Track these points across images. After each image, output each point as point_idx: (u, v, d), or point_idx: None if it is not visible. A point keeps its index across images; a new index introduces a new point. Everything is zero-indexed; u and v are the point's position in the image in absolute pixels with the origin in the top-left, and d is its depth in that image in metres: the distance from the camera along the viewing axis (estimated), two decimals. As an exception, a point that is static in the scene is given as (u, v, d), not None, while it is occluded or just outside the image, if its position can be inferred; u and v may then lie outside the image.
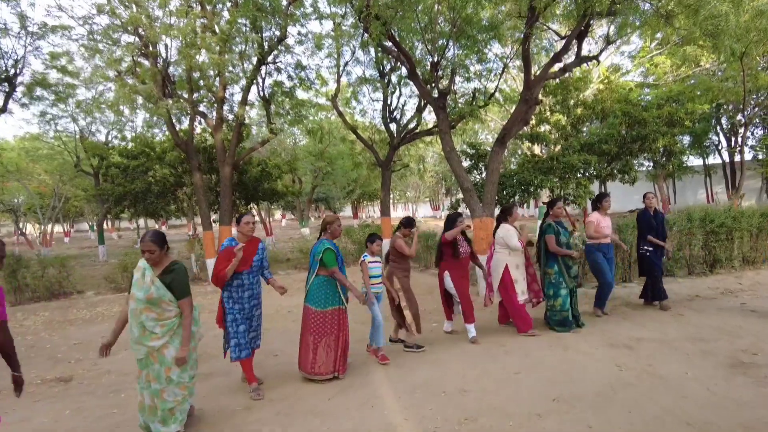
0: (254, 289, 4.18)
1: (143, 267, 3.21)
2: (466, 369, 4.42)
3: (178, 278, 3.21)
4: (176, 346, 3.22)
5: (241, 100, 10.39)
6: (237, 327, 4.02)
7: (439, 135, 7.73)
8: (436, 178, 35.32)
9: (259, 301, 4.27)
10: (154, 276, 3.16)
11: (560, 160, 10.20)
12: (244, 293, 4.08)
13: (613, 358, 4.45)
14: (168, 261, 3.26)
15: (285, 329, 6.32)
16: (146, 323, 3.15)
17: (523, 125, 7.55)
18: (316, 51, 11.32)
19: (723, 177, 22.59)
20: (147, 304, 3.14)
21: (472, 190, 7.23)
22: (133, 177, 14.63)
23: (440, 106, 7.42)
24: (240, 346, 4.01)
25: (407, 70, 7.55)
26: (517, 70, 16.50)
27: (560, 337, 5.19)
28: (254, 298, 4.19)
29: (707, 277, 8.00)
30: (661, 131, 10.47)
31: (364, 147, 14.64)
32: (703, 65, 14.25)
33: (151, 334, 3.16)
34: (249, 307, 4.12)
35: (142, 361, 3.20)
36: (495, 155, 7.30)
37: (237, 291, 4.06)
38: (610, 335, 5.16)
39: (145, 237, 3.18)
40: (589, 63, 9.05)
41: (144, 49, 9.74)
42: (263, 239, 13.01)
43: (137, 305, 3.15)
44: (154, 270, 3.19)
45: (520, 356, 4.70)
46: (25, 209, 26.19)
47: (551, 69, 7.75)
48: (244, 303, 4.08)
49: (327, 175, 22.66)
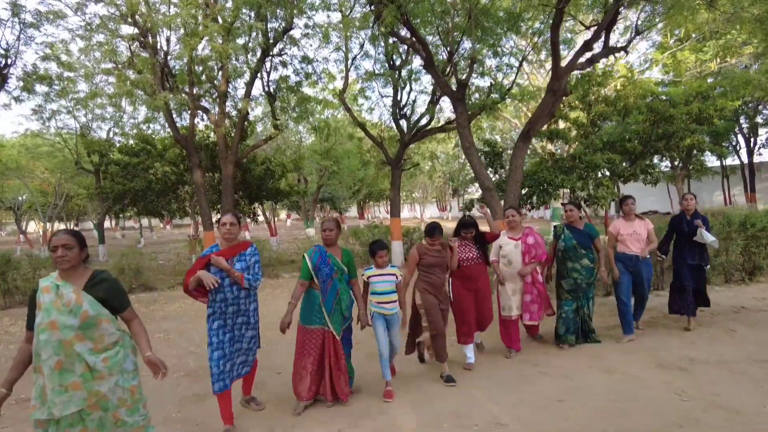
0: (240, 305, 3.42)
1: (52, 283, 2.33)
2: (499, 395, 3.83)
3: (114, 286, 2.45)
4: (123, 384, 2.41)
5: (245, 94, 9.86)
6: (212, 351, 3.30)
7: (457, 129, 7.15)
8: (443, 178, 34.70)
9: (250, 320, 3.51)
10: (77, 290, 2.33)
11: (583, 158, 9.57)
12: (227, 308, 3.36)
13: (668, 384, 3.85)
14: (88, 271, 2.45)
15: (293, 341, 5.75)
16: (87, 358, 2.29)
17: (549, 118, 6.97)
18: (324, 44, 10.79)
19: (741, 178, 21.93)
20: (80, 330, 2.29)
21: (494, 189, 6.66)
22: (134, 175, 14.13)
23: (459, 97, 6.85)
24: (213, 377, 3.27)
25: (423, 59, 6.98)
26: (531, 67, 15.89)
27: (600, 356, 4.59)
28: (241, 315, 3.45)
29: (747, 286, 7.35)
30: (690, 128, 9.82)
31: (373, 145, 14.10)
32: (729, 61, 13.58)
33: (95, 372, 2.31)
34: (231, 326, 3.39)
35: (74, 416, 2.27)
36: (519, 151, 6.71)
37: (220, 306, 3.34)
38: (657, 354, 4.56)
39: (59, 232, 2.42)
40: (616, 54, 8.45)
41: (142, 39, 9.23)
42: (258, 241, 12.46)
43: (64, 335, 2.25)
44: (73, 284, 2.35)
45: (558, 378, 4.11)
46: (25, 207, 25.82)
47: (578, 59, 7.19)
48: (227, 320, 3.36)
49: (333, 174, 22.08)
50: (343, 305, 3.72)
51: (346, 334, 3.83)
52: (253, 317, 3.56)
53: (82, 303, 2.31)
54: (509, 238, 4.76)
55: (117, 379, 2.38)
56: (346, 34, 10.61)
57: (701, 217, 5.30)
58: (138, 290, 9.86)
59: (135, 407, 2.46)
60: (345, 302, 3.73)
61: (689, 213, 5.30)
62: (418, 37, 6.61)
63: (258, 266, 3.47)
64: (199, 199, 10.12)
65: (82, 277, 2.40)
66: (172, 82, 9.91)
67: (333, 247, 3.79)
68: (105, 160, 15.63)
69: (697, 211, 5.35)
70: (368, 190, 28.74)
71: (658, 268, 7.37)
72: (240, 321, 3.45)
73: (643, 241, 5.02)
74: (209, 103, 11.10)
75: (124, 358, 2.43)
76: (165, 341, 5.99)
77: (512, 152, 7.06)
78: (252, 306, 3.53)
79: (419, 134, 11.35)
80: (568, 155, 10.13)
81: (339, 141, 19.60)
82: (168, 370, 2.53)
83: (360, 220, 32.64)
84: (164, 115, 9.67)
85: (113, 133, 17.35)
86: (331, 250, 3.76)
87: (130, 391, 2.44)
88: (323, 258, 3.69)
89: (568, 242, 4.83)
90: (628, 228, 5.09)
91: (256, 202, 14.48)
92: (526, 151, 7.18)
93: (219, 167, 11.95)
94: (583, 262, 4.78)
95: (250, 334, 3.54)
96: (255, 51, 10.01)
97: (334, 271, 3.69)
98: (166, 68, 9.68)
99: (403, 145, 11.39)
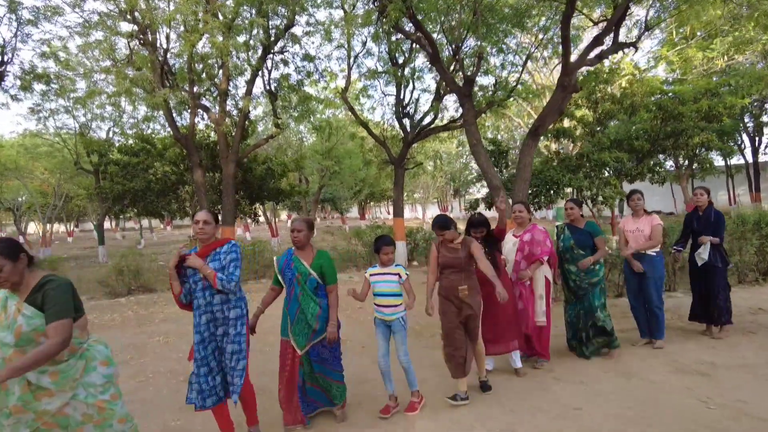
0: (215, 312, 2.99)
1: (3, 296, 2.14)
2: (512, 402, 3.65)
3: (53, 292, 2.09)
4: (87, 399, 2.18)
5: (246, 92, 9.69)
6: (198, 368, 2.97)
7: (463, 127, 6.98)
8: (445, 178, 34.52)
9: (229, 330, 3.01)
10: (20, 302, 2.10)
11: (591, 157, 9.40)
12: (200, 318, 2.98)
13: (691, 390, 3.67)
14: (35, 278, 2.16)
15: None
16: (29, 376, 2.06)
17: (558, 115, 6.78)
18: (326, 41, 10.62)
19: (746, 178, 21.72)
20: (17, 347, 2.06)
21: (502, 188, 6.47)
22: (133, 175, 13.97)
23: (466, 93, 6.67)
24: (203, 392, 2.96)
25: (429, 55, 6.81)
26: (535, 65, 15.72)
27: (616, 360, 4.41)
28: (219, 325, 3.02)
29: (762, 287, 7.17)
30: (699, 126, 9.64)
31: (375, 144, 13.93)
32: (736, 58, 13.41)
33: (39, 390, 2.08)
34: (210, 337, 3.00)
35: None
36: (527, 149, 6.53)
37: (195, 316, 3.00)
38: (676, 358, 4.38)
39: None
40: (625, 50, 8.27)
41: (142, 36, 9.07)
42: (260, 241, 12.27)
43: (4, 352, 2.06)
44: (20, 295, 2.13)
45: (574, 384, 3.93)
46: (25, 208, 25.66)
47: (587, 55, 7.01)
48: (202, 332, 2.97)
49: (334, 174, 21.93)
50: (308, 315, 3.27)
51: (319, 350, 3.33)
52: (234, 327, 3.02)
53: (18, 317, 2.06)
54: (513, 236, 4.43)
55: (77, 394, 2.15)
56: (349, 32, 10.46)
57: (716, 212, 4.95)
58: (137, 292, 9.70)
59: (106, 423, 2.22)
60: (310, 311, 3.27)
61: (701, 209, 5.01)
62: (424, 31, 6.43)
63: (234, 265, 2.97)
64: (199, 199, 9.95)
65: (28, 286, 2.14)
66: (172, 80, 9.75)
67: (304, 250, 3.39)
68: (104, 160, 15.47)
69: (712, 207, 4.99)
70: (369, 191, 28.59)
71: (670, 268, 7.19)
72: (220, 332, 3.03)
73: (647, 240, 4.68)
74: (209, 102, 10.95)
75: (86, 371, 2.18)
76: (165, 344, 5.82)
77: (520, 150, 6.89)
78: (232, 314, 3.03)
79: (423, 133, 11.18)
80: (576, 154, 9.95)
81: (340, 141, 19.44)
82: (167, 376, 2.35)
83: (361, 220, 32.46)
84: (164, 114, 9.51)
85: (113, 133, 17.20)
86: (300, 253, 3.37)
87: (97, 407, 2.20)
88: (288, 261, 3.37)
89: (566, 242, 4.53)
90: (632, 225, 4.82)
91: (257, 203, 14.31)
92: (535, 148, 7.00)
93: (219, 167, 11.79)
94: (581, 262, 4.45)
95: (231, 348, 3.01)
96: (256, 49, 9.85)
97: (295, 275, 3.31)
98: (166, 66, 9.52)
99: (406, 144, 11.22)
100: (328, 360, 3.38)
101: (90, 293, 9.91)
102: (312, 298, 3.29)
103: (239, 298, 3.09)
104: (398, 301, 3.49)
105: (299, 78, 11.02)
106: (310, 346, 3.31)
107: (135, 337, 6.17)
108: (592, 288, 4.47)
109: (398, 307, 3.49)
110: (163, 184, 13.86)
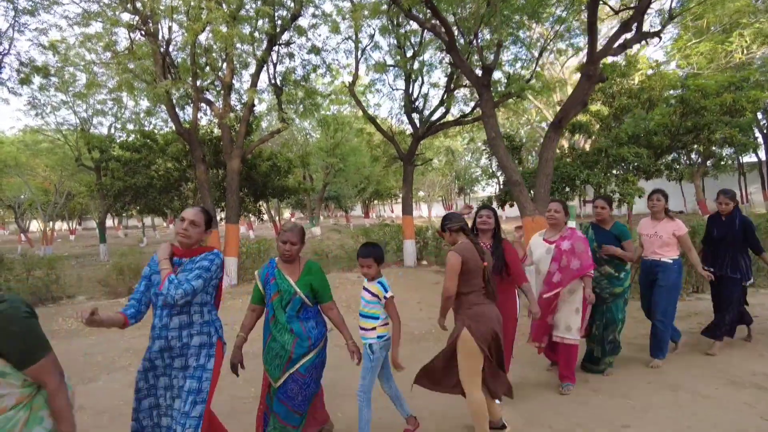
0: (170, 339, 2.31)
1: None
2: (550, 418, 3.29)
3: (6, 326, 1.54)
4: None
5: (251, 84, 9.34)
6: (139, 401, 2.36)
7: (482, 119, 6.62)
8: (450, 177, 34.15)
9: (191, 362, 2.33)
10: None
11: (609, 152, 9.02)
12: (153, 343, 2.34)
13: (750, 405, 3.30)
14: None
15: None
16: None
17: (582, 107, 6.41)
18: (333, 33, 10.25)
19: (758, 176, 21.28)
20: None
21: (522, 184, 6.09)
22: (135, 171, 13.64)
23: (484, 84, 6.30)
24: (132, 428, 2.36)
25: (445, 43, 6.44)
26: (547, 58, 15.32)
27: (660, 371, 4.04)
28: (177, 356, 2.33)
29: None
30: (723, 120, 9.25)
31: (382, 140, 13.59)
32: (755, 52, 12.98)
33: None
34: (164, 369, 2.35)
35: None
36: (549, 142, 6.15)
37: (150, 338, 2.40)
38: (724, 368, 4.01)
39: None
40: (648, 40, 7.89)
41: (143, 26, 8.72)
42: (264, 240, 11.94)
43: None
44: None
45: (616, 398, 3.57)
46: (25, 206, 25.41)
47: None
48: (153, 359, 2.34)
49: (339, 171, 21.60)
50: (282, 339, 2.66)
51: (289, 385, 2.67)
52: (196, 358, 2.33)
53: None
54: (544, 240, 3.84)
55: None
56: (357, 23, 10.10)
57: (741, 218, 4.39)
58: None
59: None
60: (284, 335, 2.67)
61: (724, 215, 4.45)
62: (440, 17, 6.05)
63: (198, 274, 2.29)
64: (202, 196, 9.61)
65: None
66: (174, 72, 9.41)
67: (291, 263, 2.79)
68: (105, 156, 15.16)
69: (738, 211, 4.43)
70: (374, 188, 28.26)
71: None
72: (177, 364, 2.32)
73: (664, 246, 4.17)
74: (213, 97, 10.61)
75: (31, 423, 1.62)
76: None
77: (542, 143, 6.51)
78: (195, 341, 2.33)
79: (433, 128, 10.81)
80: (593, 149, 9.57)
81: (345, 138, 19.13)
82: None
83: (365, 219, 32.12)
84: (166, 107, 9.16)
85: (114, 129, 16.91)
86: (286, 266, 2.77)
87: None
88: (270, 275, 2.76)
89: (590, 245, 3.88)
90: (649, 228, 4.29)
91: (262, 200, 13.98)
92: (557, 142, 6.62)
93: (223, 163, 11.45)
94: (603, 268, 3.96)
95: (189, 385, 2.28)
96: (261, 41, 9.51)
97: (272, 293, 2.72)
98: (168, 58, 9.17)
99: (415, 140, 10.85)
100: (295, 400, 2.67)
101: (90, 293, 9.60)
102: (286, 327, 2.68)
103: (207, 322, 2.40)
104: (370, 324, 2.90)
105: (305, 72, 10.69)
106: (286, 376, 2.67)
107: (134, 341, 5.82)
108: (615, 299, 3.98)
109: (368, 332, 2.90)
110: (166, 181, 13.54)
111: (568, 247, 3.64)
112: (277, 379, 2.68)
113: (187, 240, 2.36)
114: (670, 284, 4.16)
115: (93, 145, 15.02)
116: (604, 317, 3.99)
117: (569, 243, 3.66)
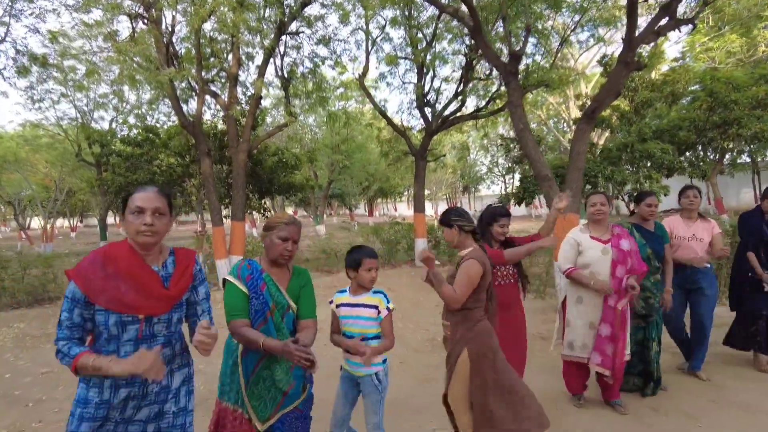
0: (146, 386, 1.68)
1: None
2: (614, 444, 2.87)
3: None
4: None
5: (259, 74, 8.91)
6: None
7: (508, 109, 6.20)
8: (455, 175, 33.75)
9: (169, 407, 1.75)
10: None
11: (635, 147, 8.58)
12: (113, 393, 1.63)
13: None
14: None
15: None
16: None
17: (616, 96, 5.98)
18: (341, 26, 9.86)
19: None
20: None
21: (553, 179, 5.66)
22: (136, 166, 13.25)
23: (512, 71, 5.87)
24: None
25: (470, 28, 6.00)
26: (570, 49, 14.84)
27: (722, 387, 3.61)
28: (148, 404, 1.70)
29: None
30: (755, 115, 8.80)
31: (393, 135, 13.20)
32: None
33: None
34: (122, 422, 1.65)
35: None
36: (581, 134, 5.72)
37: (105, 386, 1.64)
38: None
39: None
40: (682, 27, 7.47)
41: (146, 13, 8.31)
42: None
43: None
44: None
45: (679, 417, 3.15)
46: (25, 202, 25.06)
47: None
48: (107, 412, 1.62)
49: (344, 169, 21.20)
50: (279, 372, 2.02)
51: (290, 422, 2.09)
52: (176, 401, 1.77)
53: None
54: (592, 238, 3.27)
55: None
56: (367, 13, 9.69)
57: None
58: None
59: None
60: (281, 367, 2.02)
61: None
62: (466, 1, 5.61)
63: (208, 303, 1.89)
64: (207, 191, 9.20)
65: None
66: (178, 63, 9.00)
67: (280, 267, 2.13)
68: (106, 151, 14.78)
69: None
70: (379, 186, 27.84)
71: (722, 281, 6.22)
72: (143, 415, 1.70)
73: (705, 249, 3.74)
74: (218, 89, 10.21)
75: None
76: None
77: (573, 136, 6.09)
78: (177, 379, 1.79)
79: (448, 122, 10.38)
80: (617, 144, 9.13)
81: (350, 134, 18.71)
82: None
83: (369, 217, 31.69)
84: (169, 97, 8.75)
85: (115, 123, 16.52)
86: (276, 272, 2.11)
87: None
88: (257, 281, 2.05)
89: (642, 251, 3.37)
90: (685, 229, 3.78)
91: (267, 197, 13.58)
92: (590, 134, 6.19)
93: (228, 158, 11.05)
94: (656, 276, 3.46)
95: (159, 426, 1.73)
96: (269, 32, 9.10)
97: (269, 305, 2.03)
98: (171, 47, 8.77)
99: (428, 135, 10.44)
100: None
101: (89, 292, 9.20)
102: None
103: (185, 348, 1.85)
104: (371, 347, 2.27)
105: (313, 64, 10.27)
106: (279, 416, 2.06)
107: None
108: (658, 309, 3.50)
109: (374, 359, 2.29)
110: (168, 177, 13.14)
111: (627, 247, 3.17)
112: (266, 418, 2.03)
113: (153, 239, 1.68)
114: (714, 293, 3.74)
115: (93, 140, 14.66)
116: (651, 329, 3.45)
117: (628, 243, 3.19)
